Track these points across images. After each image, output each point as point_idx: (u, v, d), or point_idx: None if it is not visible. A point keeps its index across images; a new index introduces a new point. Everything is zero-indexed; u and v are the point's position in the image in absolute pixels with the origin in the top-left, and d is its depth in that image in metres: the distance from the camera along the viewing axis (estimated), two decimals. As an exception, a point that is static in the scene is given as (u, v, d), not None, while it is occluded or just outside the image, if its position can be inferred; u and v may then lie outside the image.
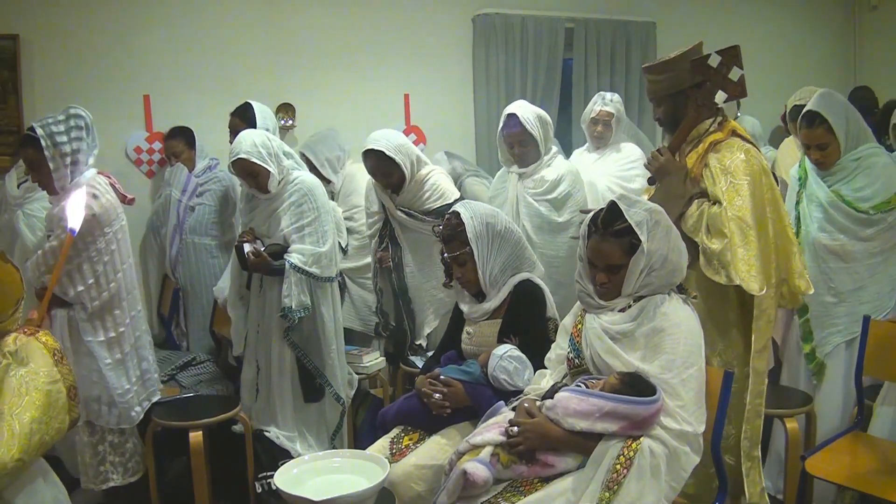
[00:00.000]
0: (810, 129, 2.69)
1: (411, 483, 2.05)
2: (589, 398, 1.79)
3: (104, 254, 2.65)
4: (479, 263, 2.32)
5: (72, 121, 2.63)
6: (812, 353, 2.83)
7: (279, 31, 4.44)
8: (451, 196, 3.24)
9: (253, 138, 2.88)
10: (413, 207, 3.21)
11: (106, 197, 2.67)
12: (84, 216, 2.36)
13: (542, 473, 1.81)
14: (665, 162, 2.38)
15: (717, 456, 1.97)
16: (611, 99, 3.75)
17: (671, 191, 2.36)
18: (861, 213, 2.66)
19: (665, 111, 2.46)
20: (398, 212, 3.22)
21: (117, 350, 2.73)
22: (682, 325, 1.85)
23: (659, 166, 2.40)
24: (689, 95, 2.39)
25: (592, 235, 1.95)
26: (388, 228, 3.31)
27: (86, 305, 2.66)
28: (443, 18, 4.81)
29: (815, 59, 5.61)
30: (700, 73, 2.35)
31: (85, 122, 2.66)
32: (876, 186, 2.66)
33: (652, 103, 2.53)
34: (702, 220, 2.29)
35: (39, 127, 2.58)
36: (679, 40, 5.27)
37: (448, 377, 2.23)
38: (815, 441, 2.64)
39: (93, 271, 2.64)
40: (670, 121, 2.47)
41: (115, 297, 2.71)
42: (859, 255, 2.69)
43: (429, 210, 3.19)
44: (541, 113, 3.25)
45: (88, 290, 2.64)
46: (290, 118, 4.45)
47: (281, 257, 2.87)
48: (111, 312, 2.71)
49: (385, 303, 3.41)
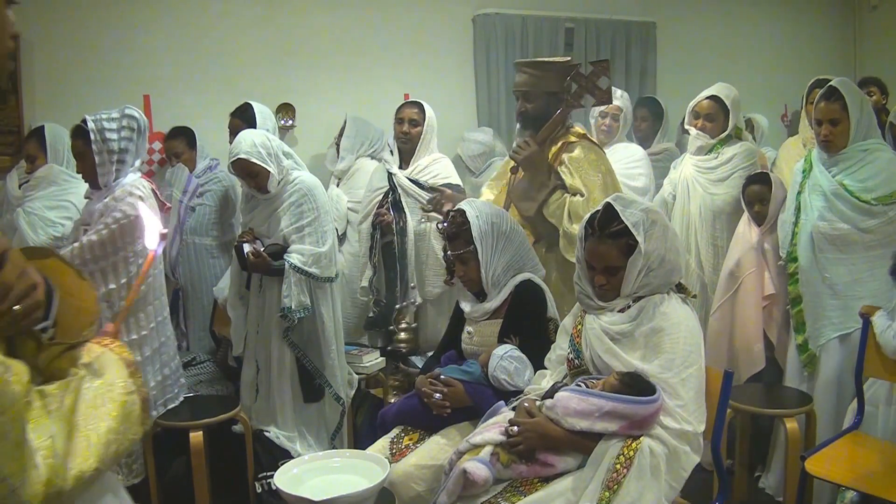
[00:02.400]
0: (828, 102, 2.73)
1: (411, 483, 2.05)
2: (589, 398, 1.79)
3: (139, 256, 2.63)
4: (483, 263, 2.31)
5: (124, 120, 2.65)
6: (804, 344, 2.84)
7: (279, 31, 4.44)
8: (454, 179, 3.52)
9: (252, 138, 2.88)
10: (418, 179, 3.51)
11: (150, 201, 2.69)
12: (129, 216, 2.43)
13: (542, 473, 1.81)
14: (534, 153, 2.68)
15: (717, 456, 1.97)
16: (621, 94, 3.77)
17: (537, 180, 2.69)
18: (863, 203, 2.67)
19: (537, 107, 2.74)
20: (405, 179, 3.48)
21: (137, 353, 2.69)
22: (681, 325, 1.85)
23: (528, 156, 2.68)
24: (560, 98, 2.73)
25: (589, 237, 1.95)
26: (392, 198, 3.49)
27: (113, 304, 2.63)
28: (443, 18, 4.81)
29: (815, 60, 5.60)
30: (573, 80, 2.69)
31: (137, 125, 2.69)
32: (879, 179, 2.67)
33: (519, 97, 2.77)
34: (563, 208, 2.64)
35: (92, 121, 2.61)
36: (679, 40, 5.36)
37: (448, 377, 2.23)
38: (815, 441, 2.64)
39: (126, 272, 2.63)
40: (537, 117, 2.75)
41: (142, 300, 2.70)
42: (857, 246, 2.70)
43: (433, 185, 3.40)
44: None
45: (119, 289, 2.62)
46: (290, 118, 4.45)
47: (281, 257, 2.87)
48: (135, 315, 2.69)
49: (377, 279, 3.55)
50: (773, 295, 3.03)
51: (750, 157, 3.28)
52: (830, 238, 2.74)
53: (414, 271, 3.49)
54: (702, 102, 3.35)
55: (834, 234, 2.73)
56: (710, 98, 3.33)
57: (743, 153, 3.28)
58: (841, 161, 2.75)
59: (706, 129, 3.33)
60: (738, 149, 3.29)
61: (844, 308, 2.72)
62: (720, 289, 3.16)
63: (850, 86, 2.77)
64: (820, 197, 2.78)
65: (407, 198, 3.49)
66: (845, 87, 2.73)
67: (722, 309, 3.13)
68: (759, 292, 3.04)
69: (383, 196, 3.54)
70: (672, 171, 3.52)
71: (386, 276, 3.54)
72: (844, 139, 2.73)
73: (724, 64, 5.32)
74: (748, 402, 2.74)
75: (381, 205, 3.53)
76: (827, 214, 2.75)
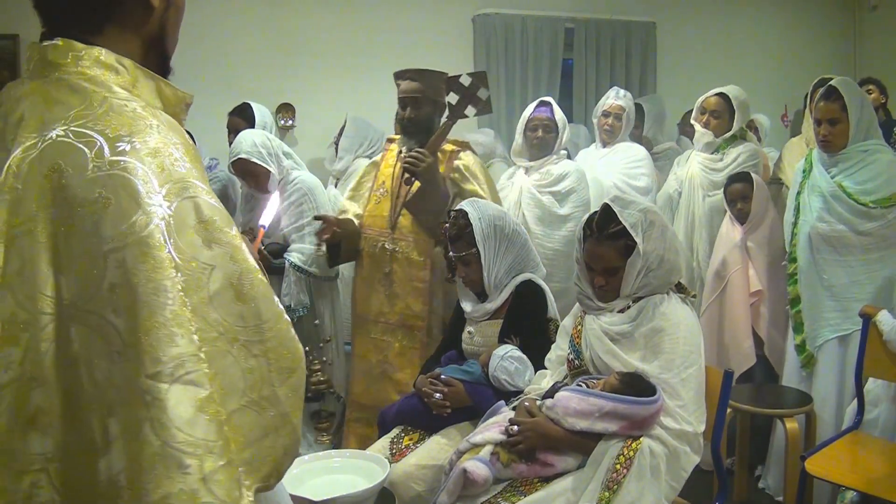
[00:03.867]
0: (827, 102, 2.72)
1: (411, 483, 2.05)
2: (589, 398, 1.79)
3: None
4: (486, 266, 2.31)
5: None
6: (802, 344, 2.84)
7: (279, 31, 4.45)
8: None
9: (253, 138, 2.88)
10: None
11: None
12: None
13: (542, 473, 1.81)
14: (432, 163, 2.63)
15: (717, 456, 1.97)
16: (623, 94, 3.78)
17: (437, 189, 2.67)
18: (861, 206, 2.66)
19: (425, 114, 2.73)
20: None
21: None
22: (680, 325, 1.85)
23: (427, 167, 2.62)
24: (442, 107, 2.73)
25: (588, 239, 1.95)
26: None
27: None
28: (443, 18, 4.81)
29: (815, 60, 5.60)
30: (453, 90, 2.68)
31: None
32: (879, 181, 2.67)
33: (408, 104, 2.75)
34: None
35: None
36: (679, 40, 5.36)
37: (449, 377, 2.23)
38: (814, 441, 2.64)
39: None
40: (423, 124, 2.72)
41: None
42: (855, 248, 2.70)
43: None
44: (564, 117, 3.38)
45: None
46: (290, 118, 4.45)
47: (280, 256, 2.87)
48: None
49: None
50: (760, 291, 3.05)
51: (754, 157, 3.31)
52: (828, 239, 2.74)
53: None
54: (710, 98, 3.36)
55: (832, 235, 2.73)
56: (718, 95, 3.35)
57: (747, 154, 3.30)
58: (841, 162, 2.74)
59: (711, 125, 3.35)
60: (742, 149, 3.32)
61: (842, 310, 2.72)
62: (707, 289, 3.19)
63: (851, 85, 2.77)
64: (819, 198, 2.78)
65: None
66: (845, 87, 2.73)
67: (710, 309, 3.15)
68: (746, 289, 3.06)
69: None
70: (678, 168, 3.54)
71: None
72: (844, 139, 2.72)
73: (724, 64, 5.32)
74: (748, 401, 2.74)
75: None
76: (825, 216, 2.75)
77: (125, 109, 0.92)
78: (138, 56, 1.01)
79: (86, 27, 0.97)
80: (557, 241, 3.18)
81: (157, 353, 0.84)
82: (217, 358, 0.90)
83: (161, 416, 0.83)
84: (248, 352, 0.93)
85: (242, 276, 0.94)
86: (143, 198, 0.86)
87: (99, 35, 0.98)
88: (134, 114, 0.92)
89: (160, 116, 0.96)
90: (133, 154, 0.88)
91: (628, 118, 3.75)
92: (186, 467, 0.84)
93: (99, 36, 0.98)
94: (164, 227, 0.86)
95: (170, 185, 0.89)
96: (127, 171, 0.86)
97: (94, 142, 0.88)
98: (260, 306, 0.95)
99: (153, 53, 1.05)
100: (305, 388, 1.09)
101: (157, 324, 0.84)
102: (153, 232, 0.85)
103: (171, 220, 0.87)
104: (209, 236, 0.91)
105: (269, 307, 0.97)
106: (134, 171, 0.87)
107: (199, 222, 0.90)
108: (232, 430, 0.91)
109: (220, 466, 0.86)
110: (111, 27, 0.99)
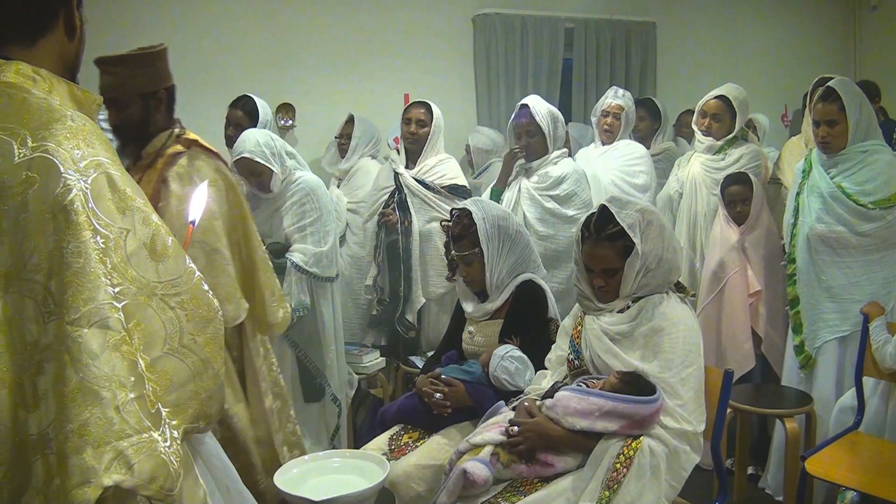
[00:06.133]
0: (825, 103, 2.72)
1: (411, 483, 2.05)
2: (589, 397, 1.79)
3: None
4: (488, 266, 2.30)
5: None
6: (801, 345, 2.84)
7: (279, 30, 4.44)
8: (460, 181, 3.52)
9: (256, 137, 2.88)
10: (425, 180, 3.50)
11: None
12: None
13: (542, 473, 1.81)
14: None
15: (716, 455, 1.97)
16: (623, 94, 3.78)
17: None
18: (860, 207, 2.66)
19: (132, 114, 2.09)
20: (411, 179, 3.46)
21: None
22: (680, 325, 1.86)
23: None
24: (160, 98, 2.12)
25: (586, 240, 1.95)
26: (398, 198, 3.48)
27: None
28: (443, 18, 4.80)
29: (815, 60, 5.60)
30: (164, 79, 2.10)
31: None
32: (878, 182, 2.67)
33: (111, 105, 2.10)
34: None
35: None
36: (679, 40, 5.36)
37: (449, 377, 2.23)
38: (814, 441, 2.64)
39: None
40: (136, 126, 2.11)
41: None
42: (853, 249, 2.69)
43: (439, 185, 3.45)
44: (553, 110, 3.31)
45: None
46: (290, 118, 4.45)
47: (282, 256, 2.87)
48: None
49: (381, 278, 3.55)
50: (759, 291, 3.05)
51: (756, 158, 3.31)
52: (827, 240, 2.74)
53: (418, 270, 3.47)
54: (709, 102, 3.36)
55: (830, 236, 2.73)
56: (718, 98, 3.34)
57: (750, 154, 3.31)
58: (840, 162, 2.74)
59: (712, 128, 3.34)
60: (745, 150, 3.32)
61: (841, 311, 2.73)
62: (703, 290, 3.18)
63: (849, 86, 2.76)
64: (818, 199, 2.78)
65: (413, 198, 3.47)
66: (843, 88, 2.72)
67: (707, 310, 3.14)
68: (745, 291, 3.06)
69: (389, 196, 3.52)
70: (679, 168, 3.54)
71: (390, 275, 3.53)
72: (843, 140, 2.72)
73: (725, 64, 5.32)
74: (748, 402, 2.74)
75: (386, 204, 3.51)
76: (824, 217, 2.75)
77: (43, 105, 1.09)
78: (57, 69, 1.20)
79: (21, 40, 1.17)
80: (562, 241, 3.18)
81: (77, 303, 0.99)
82: (138, 310, 1.06)
83: (80, 356, 0.98)
84: (166, 304, 1.09)
85: (155, 237, 1.10)
86: (62, 174, 1.03)
87: (32, 47, 1.18)
88: (51, 108, 1.09)
89: (75, 111, 1.13)
90: (52, 139, 1.05)
91: (627, 118, 3.75)
92: (102, 398, 0.98)
93: (32, 48, 1.18)
94: (83, 197, 1.03)
95: (86, 163, 1.06)
96: (48, 153, 1.03)
97: (17, 133, 1.05)
98: (172, 264, 1.12)
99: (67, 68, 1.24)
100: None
101: (77, 280, 1.00)
102: (73, 200, 1.02)
103: (88, 192, 1.04)
104: (123, 204, 1.08)
105: (181, 264, 1.13)
106: (54, 153, 1.04)
107: (113, 192, 1.07)
108: (156, 374, 1.07)
109: (132, 398, 1.01)
110: (43, 41, 1.19)
